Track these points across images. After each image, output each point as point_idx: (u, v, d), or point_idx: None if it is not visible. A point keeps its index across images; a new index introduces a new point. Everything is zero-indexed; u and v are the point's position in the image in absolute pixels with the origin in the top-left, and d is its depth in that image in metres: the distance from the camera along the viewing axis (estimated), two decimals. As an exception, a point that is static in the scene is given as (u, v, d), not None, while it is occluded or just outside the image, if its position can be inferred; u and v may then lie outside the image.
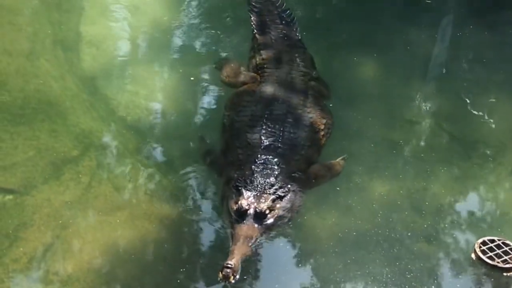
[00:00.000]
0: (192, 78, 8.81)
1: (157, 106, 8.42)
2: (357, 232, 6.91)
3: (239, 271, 5.86)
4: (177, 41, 9.60)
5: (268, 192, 6.55)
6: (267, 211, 6.40)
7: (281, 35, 8.76)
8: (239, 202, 6.42)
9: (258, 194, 6.51)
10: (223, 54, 9.41)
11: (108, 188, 7.16)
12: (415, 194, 7.40)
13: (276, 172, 6.78)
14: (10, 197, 6.87)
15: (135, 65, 9.01)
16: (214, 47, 9.54)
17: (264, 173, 6.76)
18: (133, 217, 6.87)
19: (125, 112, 8.19)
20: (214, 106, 8.51)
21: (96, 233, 6.66)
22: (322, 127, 7.56)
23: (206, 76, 8.97)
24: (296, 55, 8.45)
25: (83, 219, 6.80)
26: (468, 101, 8.77)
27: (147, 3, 10.17)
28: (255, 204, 6.41)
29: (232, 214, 6.43)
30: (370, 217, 7.06)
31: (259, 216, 6.36)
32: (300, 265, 6.66)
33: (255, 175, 6.71)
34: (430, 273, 6.60)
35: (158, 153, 7.79)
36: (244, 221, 6.30)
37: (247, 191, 6.52)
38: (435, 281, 6.54)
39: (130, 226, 6.77)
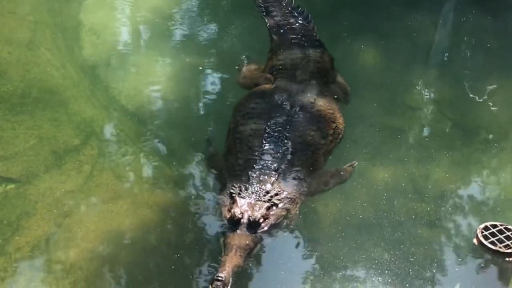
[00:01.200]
0: (200, 68, 8.77)
1: (158, 94, 8.39)
2: (361, 216, 6.92)
3: (231, 283, 5.75)
4: (179, 30, 9.57)
5: (262, 200, 6.41)
6: (261, 220, 6.27)
7: (298, 36, 8.48)
8: (232, 210, 6.30)
9: (253, 202, 6.37)
10: (226, 43, 9.37)
11: (110, 176, 7.15)
12: (418, 179, 7.39)
13: (273, 178, 6.62)
14: (12, 186, 6.88)
15: (136, 53, 9.01)
16: (216, 36, 9.52)
17: (261, 179, 6.60)
18: (134, 205, 6.86)
19: (127, 100, 8.17)
20: (216, 96, 8.49)
21: (98, 221, 6.66)
22: (331, 132, 7.31)
23: (209, 65, 8.93)
24: (313, 56, 8.16)
25: (85, 208, 6.81)
26: (470, 87, 8.76)
27: (147, -9, 10.16)
28: (249, 212, 6.27)
29: (225, 222, 6.35)
30: (373, 201, 7.06)
31: (253, 225, 6.23)
32: (305, 251, 6.64)
33: (251, 181, 6.57)
34: (432, 257, 6.61)
35: (159, 141, 7.76)
36: (237, 230, 6.18)
37: (241, 199, 6.38)
38: (437, 265, 6.55)
39: (131, 215, 6.76)
